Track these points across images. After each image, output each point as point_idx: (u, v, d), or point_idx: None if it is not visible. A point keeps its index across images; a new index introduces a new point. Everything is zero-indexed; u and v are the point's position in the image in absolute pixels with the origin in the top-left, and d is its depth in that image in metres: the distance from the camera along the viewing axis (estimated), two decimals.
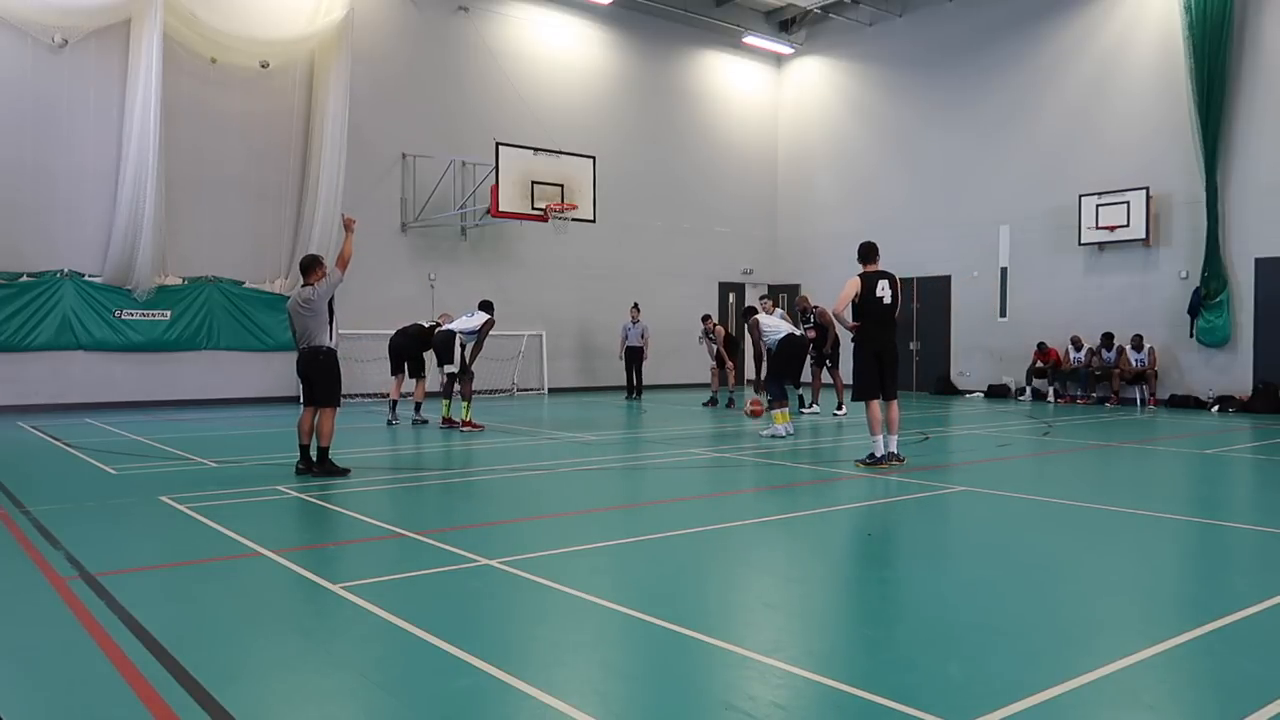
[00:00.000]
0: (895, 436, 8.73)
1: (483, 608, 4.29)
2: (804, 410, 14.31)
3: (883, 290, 8.67)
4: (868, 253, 8.88)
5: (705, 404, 16.35)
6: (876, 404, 8.61)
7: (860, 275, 8.71)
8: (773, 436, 11.13)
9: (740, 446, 10.48)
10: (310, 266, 8.23)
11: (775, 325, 11.94)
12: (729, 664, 3.55)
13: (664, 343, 20.02)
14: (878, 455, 8.60)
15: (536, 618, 4.12)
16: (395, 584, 4.69)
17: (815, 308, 14.55)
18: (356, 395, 16.57)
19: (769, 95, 23.77)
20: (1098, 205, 17.49)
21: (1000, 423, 13.58)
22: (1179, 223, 16.84)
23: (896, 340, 8.96)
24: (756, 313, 12.53)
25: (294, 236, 16.67)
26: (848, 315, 8.67)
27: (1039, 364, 18.09)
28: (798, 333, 12.13)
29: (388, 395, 13.39)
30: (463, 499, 7.50)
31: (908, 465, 8.62)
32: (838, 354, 14.70)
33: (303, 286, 8.21)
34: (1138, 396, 16.76)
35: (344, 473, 8.07)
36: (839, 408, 14.12)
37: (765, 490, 7.94)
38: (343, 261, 8.14)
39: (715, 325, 16.71)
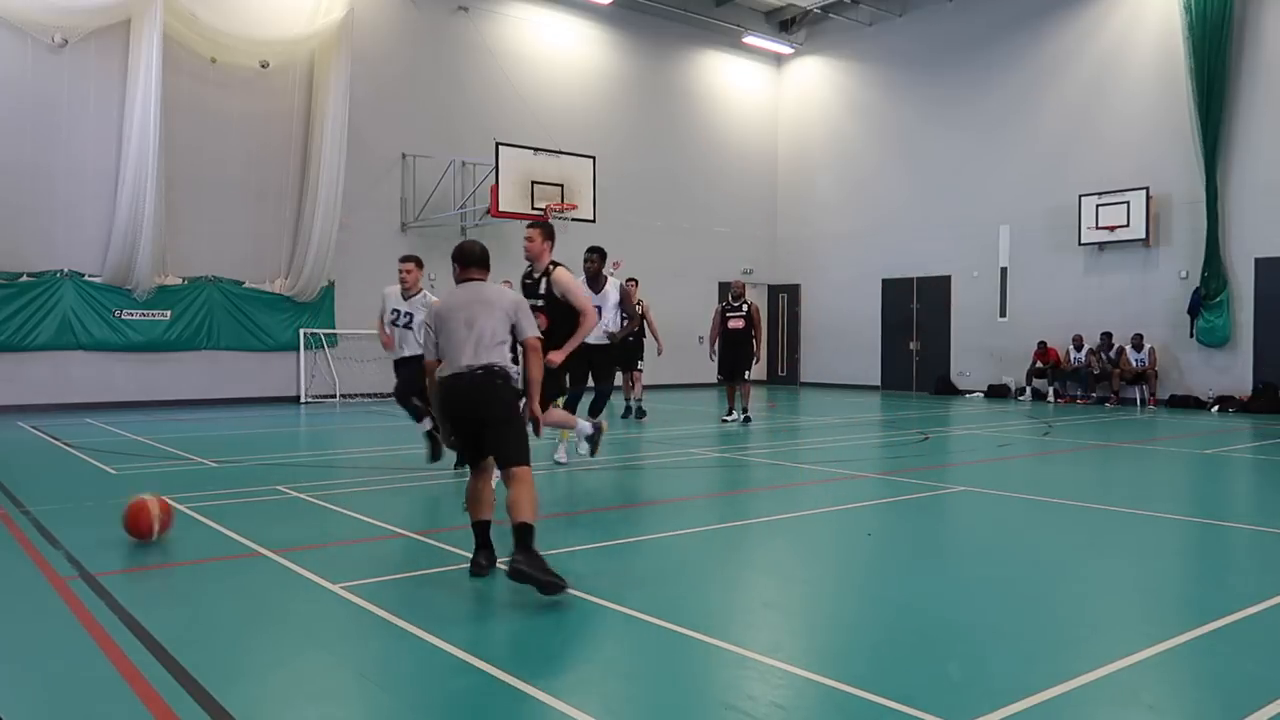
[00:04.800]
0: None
1: (482, 607, 4.29)
2: (725, 420, 12.85)
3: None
4: None
5: (623, 415, 13.53)
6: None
7: None
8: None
9: (740, 446, 10.47)
10: (483, 259, 5.10)
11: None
12: (729, 664, 3.55)
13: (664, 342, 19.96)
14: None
15: (537, 617, 4.12)
16: (395, 584, 4.69)
17: (749, 302, 12.91)
18: (357, 395, 16.57)
19: (769, 95, 23.75)
20: (1098, 205, 17.48)
21: (1000, 423, 13.57)
22: (1179, 223, 16.83)
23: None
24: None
25: (294, 236, 16.66)
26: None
27: (1039, 364, 18.09)
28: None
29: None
30: (462, 499, 7.47)
31: (907, 465, 8.57)
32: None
33: (461, 282, 5.07)
34: (1138, 396, 16.75)
35: (560, 585, 4.31)
36: (729, 413, 12.90)
37: (765, 490, 7.94)
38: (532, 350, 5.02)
39: (640, 300, 13.03)
